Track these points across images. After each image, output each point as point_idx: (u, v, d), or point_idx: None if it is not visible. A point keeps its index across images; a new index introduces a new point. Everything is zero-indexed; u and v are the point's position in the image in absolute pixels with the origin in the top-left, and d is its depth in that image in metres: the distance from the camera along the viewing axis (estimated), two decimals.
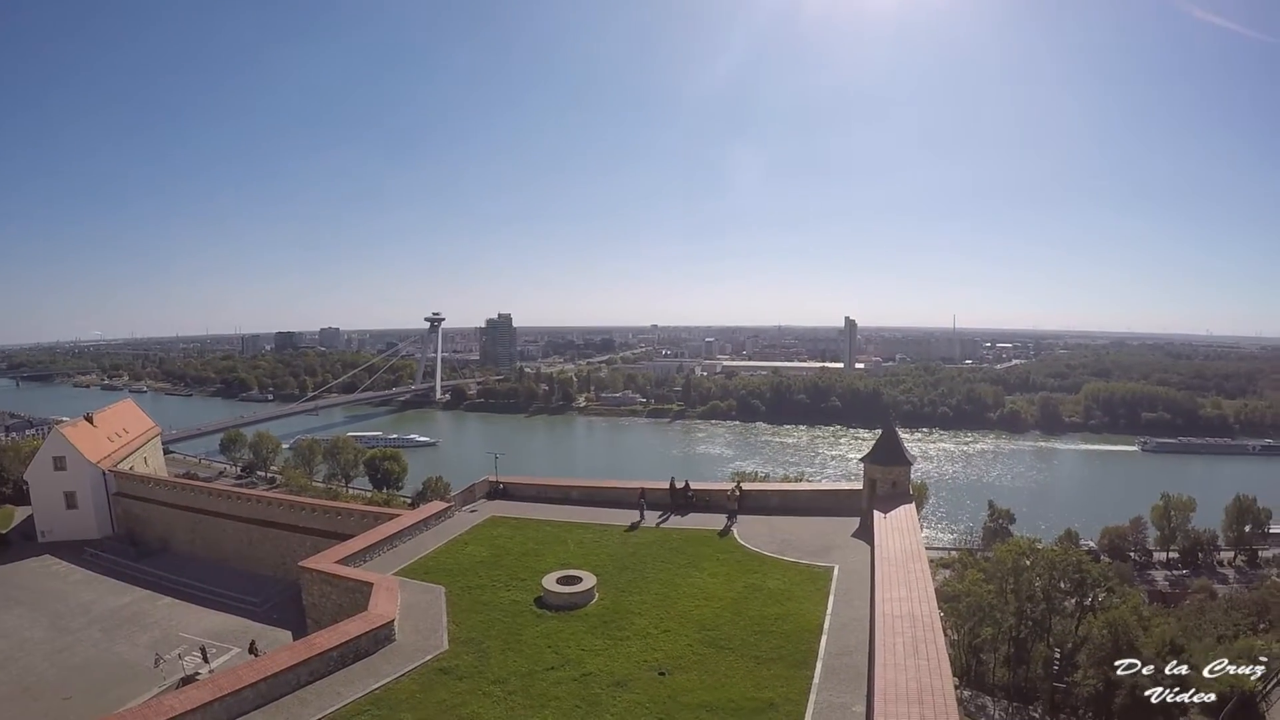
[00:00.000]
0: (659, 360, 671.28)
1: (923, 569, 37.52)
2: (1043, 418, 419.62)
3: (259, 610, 68.02)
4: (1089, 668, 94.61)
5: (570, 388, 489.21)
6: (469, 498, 60.13)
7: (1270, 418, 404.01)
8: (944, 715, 23.95)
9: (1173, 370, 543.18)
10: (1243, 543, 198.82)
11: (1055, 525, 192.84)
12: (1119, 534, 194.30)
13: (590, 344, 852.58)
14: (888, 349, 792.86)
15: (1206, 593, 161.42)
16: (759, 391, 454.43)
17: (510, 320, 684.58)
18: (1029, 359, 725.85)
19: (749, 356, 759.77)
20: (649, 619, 37.59)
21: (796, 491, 63.05)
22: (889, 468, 51.33)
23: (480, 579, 43.19)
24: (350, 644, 34.05)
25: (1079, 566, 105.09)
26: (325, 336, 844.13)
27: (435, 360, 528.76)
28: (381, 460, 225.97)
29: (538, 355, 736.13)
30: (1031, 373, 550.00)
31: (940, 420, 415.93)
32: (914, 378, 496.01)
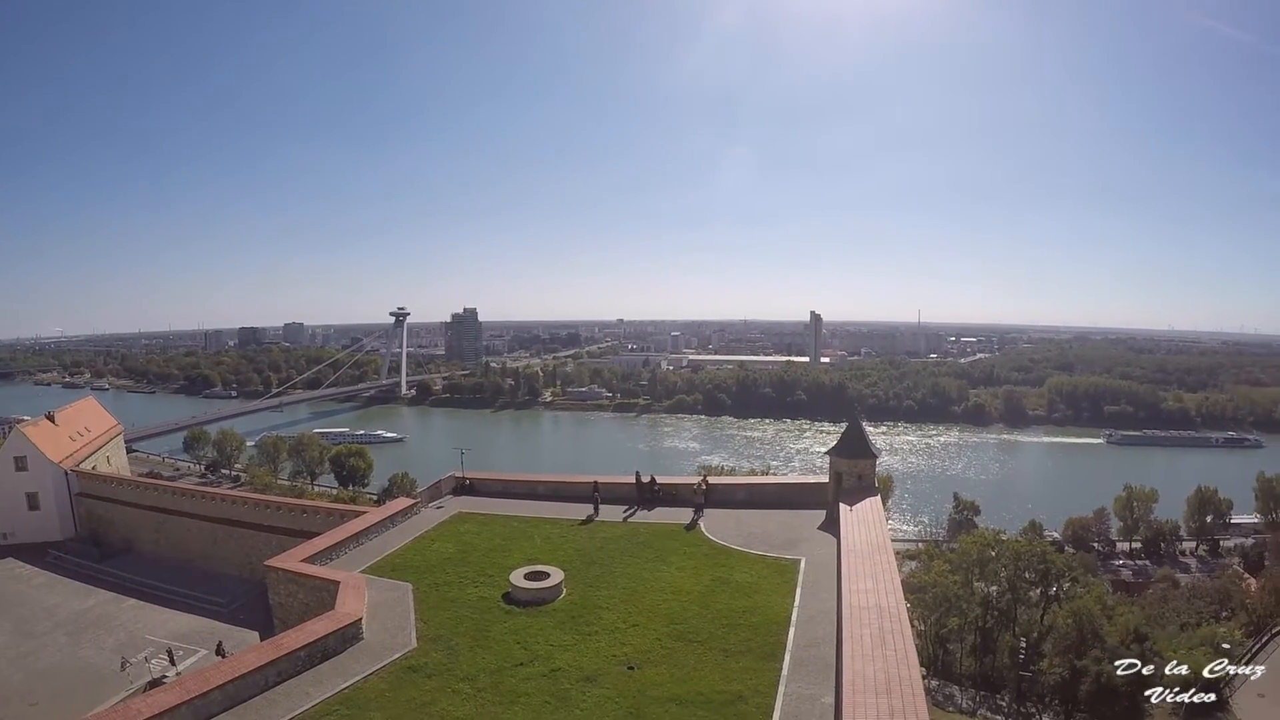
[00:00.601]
0: (625, 355, 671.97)
1: (889, 561, 37.75)
2: (1007, 411, 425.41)
3: (225, 611, 67.34)
4: (1054, 656, 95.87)
5: (536, 382, 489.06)
6: (435, 494, 59.85)
7: (1231, 411, 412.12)
8: (912, 705, 24.12)
9: (1135, 364, 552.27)
10: (1204, 533, 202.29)
11: (1020, 517, 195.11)
12: (1083, 525, 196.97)
13: (556, 338, 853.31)
14: (853, 343, 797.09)
15: (1169, 582, 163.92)
16: (725, 385, 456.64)
17: (476, 315, 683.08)
18: (993, 353, 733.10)
19: (715, 350, 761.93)
20: (617, 613, 37.58)
21: (763, 485, 63.36)
22: (854, 461, 51.48)
23: (447, 576, 42.97)
24: (318, 643, 33.77)
25: (1044, 557, 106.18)
26: (290, 332, 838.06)
27: (400, 355, 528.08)
28: (347, 457, 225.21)
29: (503, 350, 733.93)
30: (995, 367, 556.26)
31: (905, 413, 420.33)
32: (879, 371, 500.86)
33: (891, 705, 23.96)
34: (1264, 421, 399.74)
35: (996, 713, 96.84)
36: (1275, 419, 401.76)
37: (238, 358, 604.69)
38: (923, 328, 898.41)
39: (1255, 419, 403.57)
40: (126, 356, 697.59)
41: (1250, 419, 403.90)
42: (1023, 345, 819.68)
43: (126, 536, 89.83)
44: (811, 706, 28.84)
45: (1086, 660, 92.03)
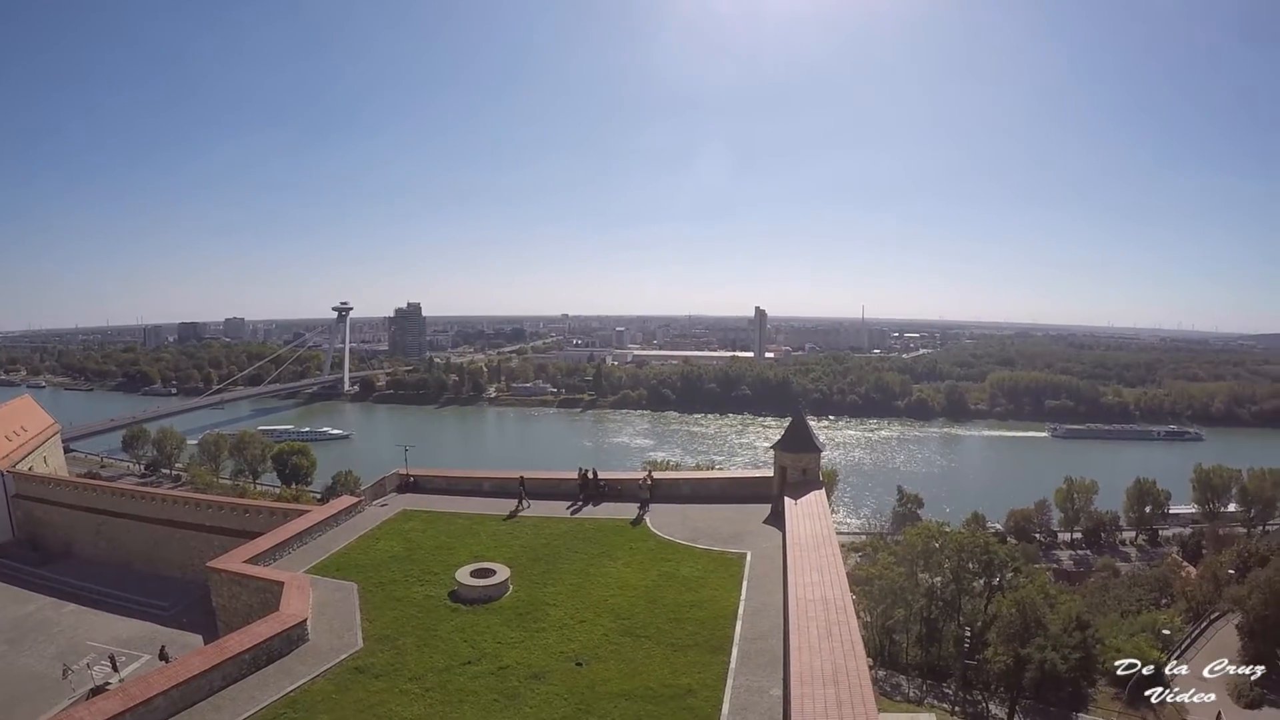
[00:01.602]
0: (570, 350, 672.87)
1: (834, 553, 37.95)
2: (949, 405, 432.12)
3: (168, 614, 66.22)
4: (999, 645, 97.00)
5: (481, 378, 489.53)
6: (379, 492, 59.25)
7: (1169, 405, 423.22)
8: (859, 695, 24.28)
9: (1075, 360, 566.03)
10: (1143, 523, 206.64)
11: (963, 509, 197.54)
12: (1024, 516, 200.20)
13: (501, 334, 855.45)
14: (797, 339, 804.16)
15: (1110, 571, 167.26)
16: (670, 381, 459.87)
17: (420, 310, 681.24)
18: (936, 349, 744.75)
19: (660, 346, 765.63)
20: (564, 610, 37.46)
21: (708, 479, 63.34)
22: (799, 455, 51.78)
23: (393, 574, 42.53)
24: (262, 646, 33.21)
25: (987, 548, 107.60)
26: (230, 327, 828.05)
27: (343, 351, 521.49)
28: (289, 455, 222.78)
29: (448, 345, 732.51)
30: (938, 362, 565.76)
31: (849, 408, 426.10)
32: (823, 367, 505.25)
33: (839, 696, 24.11)
34: (1201, 415, 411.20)
35: (943, 701, 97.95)
36: (1212, 413, 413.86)
37: (178, 354, 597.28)
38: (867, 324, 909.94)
39: (1193, 413, 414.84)
40: (63, 353, 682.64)
41: (1188, 413, 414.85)
42: (965, 341, 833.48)
43: (65, 539, 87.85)
44: (760, 699, 28.96)
45: (1030, 648, 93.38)
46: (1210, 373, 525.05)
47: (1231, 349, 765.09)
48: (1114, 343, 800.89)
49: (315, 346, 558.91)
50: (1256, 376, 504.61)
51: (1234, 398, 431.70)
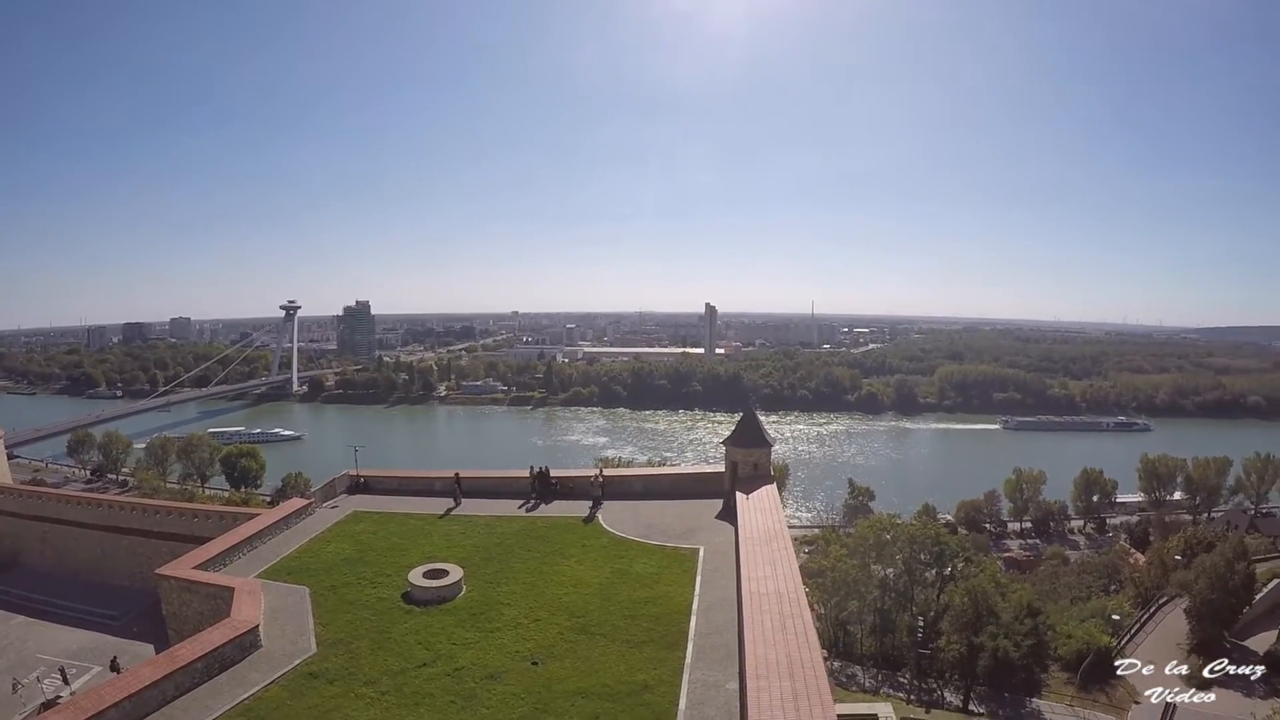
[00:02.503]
0: (520, 347, 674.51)
1: (786, 547, 38.17)
2: (899, 399, 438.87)
3: (118, 624, 64.89)
4: (952, 634, 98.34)
5: (431, 377, 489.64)
6: (329, 493, 58.64)
7: (1114, 397, 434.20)
8: (814, 686, 24.45)
9: (1022, 353, 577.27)
10: (1091, 512, 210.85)
11: (914, 501, 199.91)
12: (974, 507, 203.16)
13: (451, 331, 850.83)
14: (748, 334, 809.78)
15: (1059, 559, 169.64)
16: (621, 377, 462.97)
17: (369, 308, 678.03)
18: (885, 343, 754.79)
19: (610, 343, 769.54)
20: (518, 609, 37.31)
21: (660, 476, 63.39)
22: (750, 450, 51.99)
23: (345, 577, 42.06)
24: (215, 653, 32.68)
25: (938, 539, 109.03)
26: (176, 327, 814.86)
27: (291, 350, 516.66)
28: (238, 458, 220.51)
29: (397, 344, 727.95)
30: (887, 356, 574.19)
31: (800, 403, 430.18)
32: (773, 362, 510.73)
33: (795, 688, 24.25)
34: (1146, 406, 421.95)
35: (898, 690, 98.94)
36: (1156, 404, 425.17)
37: (123, 355, 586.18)
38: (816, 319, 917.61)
39: (1138, 404, 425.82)
40: (5, 355, 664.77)
41: (1133, 404, 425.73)
42: (914, 335, 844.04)
43: (12, 549, 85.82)
44: (716, 693, 29.09)
45: (983, 636, 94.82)
46: (1155, 365, 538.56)
47: (1175, 342, 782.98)
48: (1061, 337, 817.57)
49: (263, 346, 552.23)
50: (1200, 369, 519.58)
51: (1178, 389, 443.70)
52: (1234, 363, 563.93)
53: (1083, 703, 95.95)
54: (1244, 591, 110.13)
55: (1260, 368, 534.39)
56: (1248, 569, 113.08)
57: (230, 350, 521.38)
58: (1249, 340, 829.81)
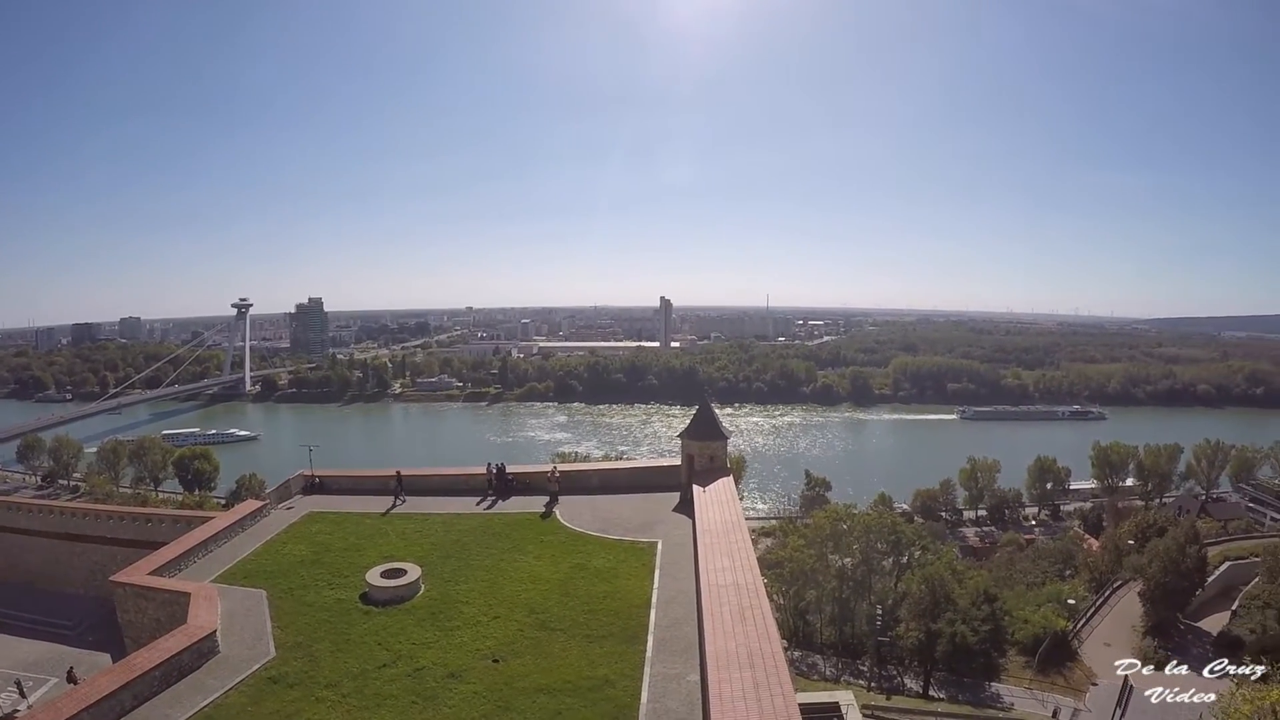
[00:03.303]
0: (475, 343, 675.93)
1: (743, 539, 38.41)
2: (854, 390, 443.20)
3: (74, 634, 63.78)
4: (910, 621, 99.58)
5: (385, 374, 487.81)
6: (284, 494, 58.02)
7: (1066, 386, 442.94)
8: (775, 676, 24.65)
9: (976, 345, 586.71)
10: (1045, 499, 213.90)
11: (870, 491, 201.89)
12: (930, 496, 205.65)
13: (405, 328, 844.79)
14: (703, 328, 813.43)
15: (1015, 545, 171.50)
16: (576, 372, 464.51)
17: (321, 305, 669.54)
18: (839, 335, 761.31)
19: (565, 337, 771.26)
20: (477, 606, 37.20)
21: (616, 470, 63.57)
22: (706, 443, 52.22)
23: (302, 579, 41.66)
24: (172, 661, 32.16)
25: (894, 528, 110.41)
26: (126, 327, 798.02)
27: (244, 349, 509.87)
28: (191, 460, 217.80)
29: (351, 341, 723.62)
30: (842, 348, 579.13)
31: (755, 395, 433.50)
32: (729, 355, 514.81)
33: (755, 678, 24.44)
34: (1098, 396, 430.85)
35: (859, 678, 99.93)
36: (1108, 393, 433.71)
37: (72, 356, 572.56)
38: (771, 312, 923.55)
39: (1090, 394, 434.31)
40: None
41: (1085, 394, 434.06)
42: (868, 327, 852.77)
43: None
44: (678, 685, 29.22)
45: (941, 623, 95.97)
46: (1106, 355, 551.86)
47: (1126, 333, 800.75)
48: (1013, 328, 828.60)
49: (215, 346, 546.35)
50: (1150, 358, 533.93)
51: (1129, 379, 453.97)
52: (1184, 353, 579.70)
53: (1041, 685, 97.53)
54: (1196, 574, 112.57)
55: (1209, 357, 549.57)
56: (1199, 552, 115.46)
57: (182, 350, 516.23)
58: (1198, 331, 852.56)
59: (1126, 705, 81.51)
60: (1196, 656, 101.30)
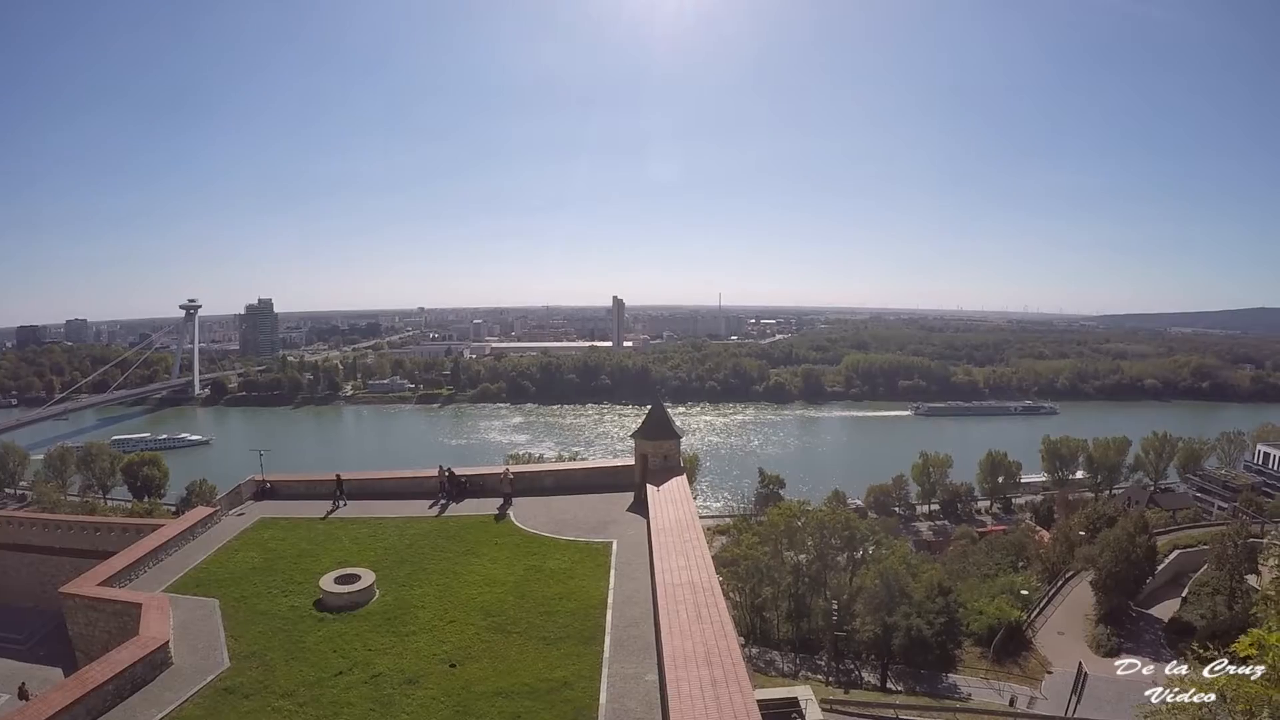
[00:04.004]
0: (427, 344, 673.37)
1: (698, 537, 38.63)
2: (806, 388, 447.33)
3: (24, 648, 62.54)
4: (866, 615, 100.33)
5: (336, 376, 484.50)
6: (235, 500, 57.24)
7: (1016, 382, 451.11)
8: (733, 673, 24.84)
9: (927, 342, 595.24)
10: (997, 492, 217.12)
11: (823, 487, 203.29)
12: (883, 491, 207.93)
13: (356, 329, 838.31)
14: (655, 327, 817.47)
15: (968, 539, 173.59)
16: (529, 372, 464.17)
17: (271, 306, 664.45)
18: (792, 334, 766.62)
19: (518, 337, 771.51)
20: (433, 611, 37.04)
21: (570, 470, 63.44)
22: (659, 442, 52.45)
23: (255, 587, 41.14)
24: (125, 674, 31.59)
25: (848, 524, 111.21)
26: (72, 329, 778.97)
27: (192, 351, 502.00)
28: (140, 466, 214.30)
29: (301, 343, 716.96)
30: (794, 347, 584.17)
31: (708, 394, 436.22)
32: (681, 354, 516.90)
33: (714, 676, 24.60)
34: (1047, 391, 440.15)
35: (817, 673, 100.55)
36: (1057, 389, 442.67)
37: (16, 360, 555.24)
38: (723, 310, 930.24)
39: (1039, 389, 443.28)
40: None
41: (1034, 389, 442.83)
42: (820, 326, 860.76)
43: None
44: (636, 685, 29.30)
45: (896, 616, 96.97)
46: (1055, 351, 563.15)
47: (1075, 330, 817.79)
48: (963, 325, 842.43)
49: (163, 348, 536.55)
50: (1098, 354, 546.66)
51: (1078, 374, 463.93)
52: (1131, 348, 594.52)
53: (997, 675, 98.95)
54: (1146, 563, 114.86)
55: (1156, 353, 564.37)
56: (1149, 542, 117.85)
57: (129, 353, 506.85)
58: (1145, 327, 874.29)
59: (1081, 691, 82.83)
60: (1149, 643, 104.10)
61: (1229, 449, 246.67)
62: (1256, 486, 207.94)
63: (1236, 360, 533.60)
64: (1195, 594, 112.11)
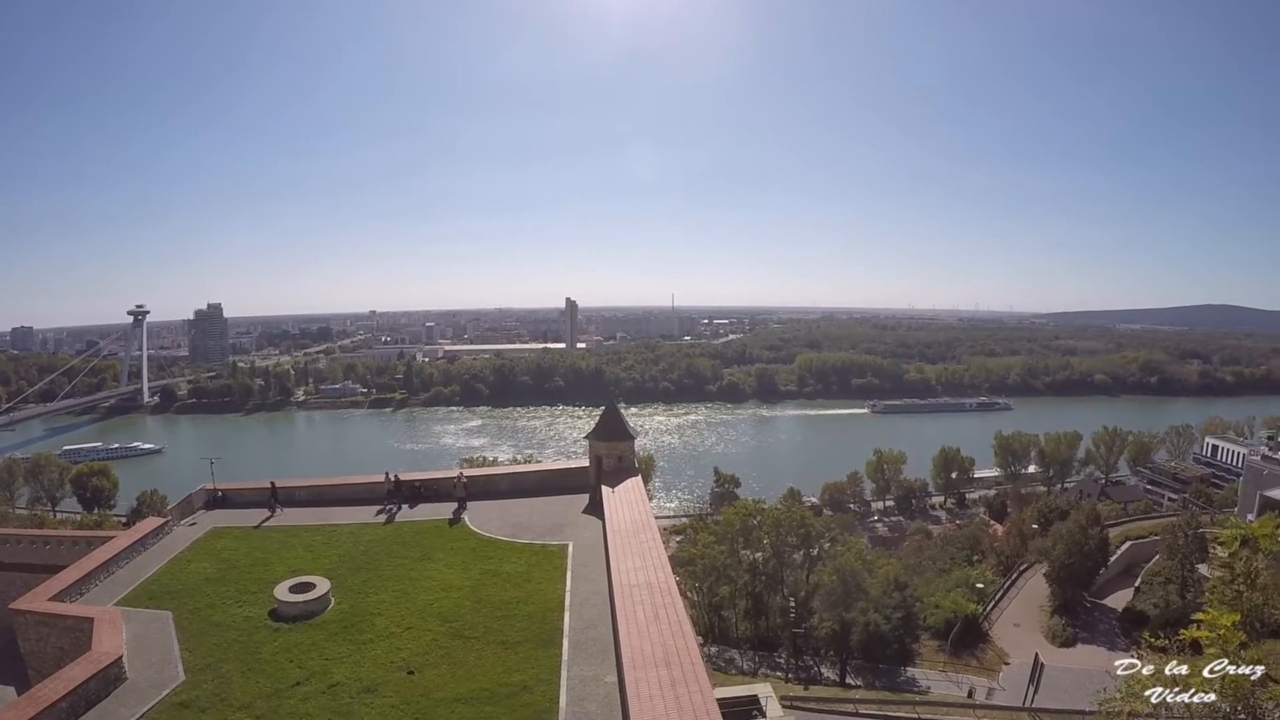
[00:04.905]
0: (379, 348, 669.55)
1: (654, 538, 38.91)
2: (760, 387, 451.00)
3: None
4: (824, 612, 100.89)
5: (288, 381, 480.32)
6: (187, 510, 56.53)
7: (968, 379, 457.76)
8: (692, 673, 25.08)
9: (879, 340, 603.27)
10: (951, 488, 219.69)
11: (779, 485, 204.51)
12: (838, 489, 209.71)
13: (307, 334, 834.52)
14: (609, 328, 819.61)
15: (923, 534, 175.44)
16: (483, 375, 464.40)
17: (221, 311, 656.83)
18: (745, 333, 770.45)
19: (471, 340, 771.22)
20: (389, 618, 36.88)
21: (524, 473, 63.28)
22: (613, 443, 52.68)
23: (209, 598, 40.65)
24: (79, 690, 30.97)
25: (803, 521, 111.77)
26: (18, 337, 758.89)
27: (141, 359, 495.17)
28: (89, 477, 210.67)
29: (252, 348, 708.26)
30: (748, 346, 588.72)
31: (663, 395, 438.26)
32: (635, 355, 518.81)
33: (673, 676, 24.83)
34: (999, 387, 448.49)
35: (776, 670, 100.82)
36: (1009, 385, 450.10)
37: None
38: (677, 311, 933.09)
39: (991, 385, 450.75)
40: None
41: (986, 385, 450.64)
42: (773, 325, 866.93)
43: None
44: (596, 687, 29.40)
45: (854, 612, 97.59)
46: (1006, 349, 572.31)
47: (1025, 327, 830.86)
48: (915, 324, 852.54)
49: (111, 355, 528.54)
50: (1048, 351, 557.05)
51: (1028, 371, 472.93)
52: (1081, 345, 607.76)
53: (955, 667, 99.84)
54: (1099, 554, 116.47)
55: (1105, 349, 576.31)
56: (1101, 533, 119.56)
57: (76, 360, 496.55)
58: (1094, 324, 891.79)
59: (1039, 681, 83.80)
60: (1104, 633, 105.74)
61: (1178, 442, 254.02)
62: (1205, 478, 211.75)
63: (1184, 355, 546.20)
64: (1148, 584, 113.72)
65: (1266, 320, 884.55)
